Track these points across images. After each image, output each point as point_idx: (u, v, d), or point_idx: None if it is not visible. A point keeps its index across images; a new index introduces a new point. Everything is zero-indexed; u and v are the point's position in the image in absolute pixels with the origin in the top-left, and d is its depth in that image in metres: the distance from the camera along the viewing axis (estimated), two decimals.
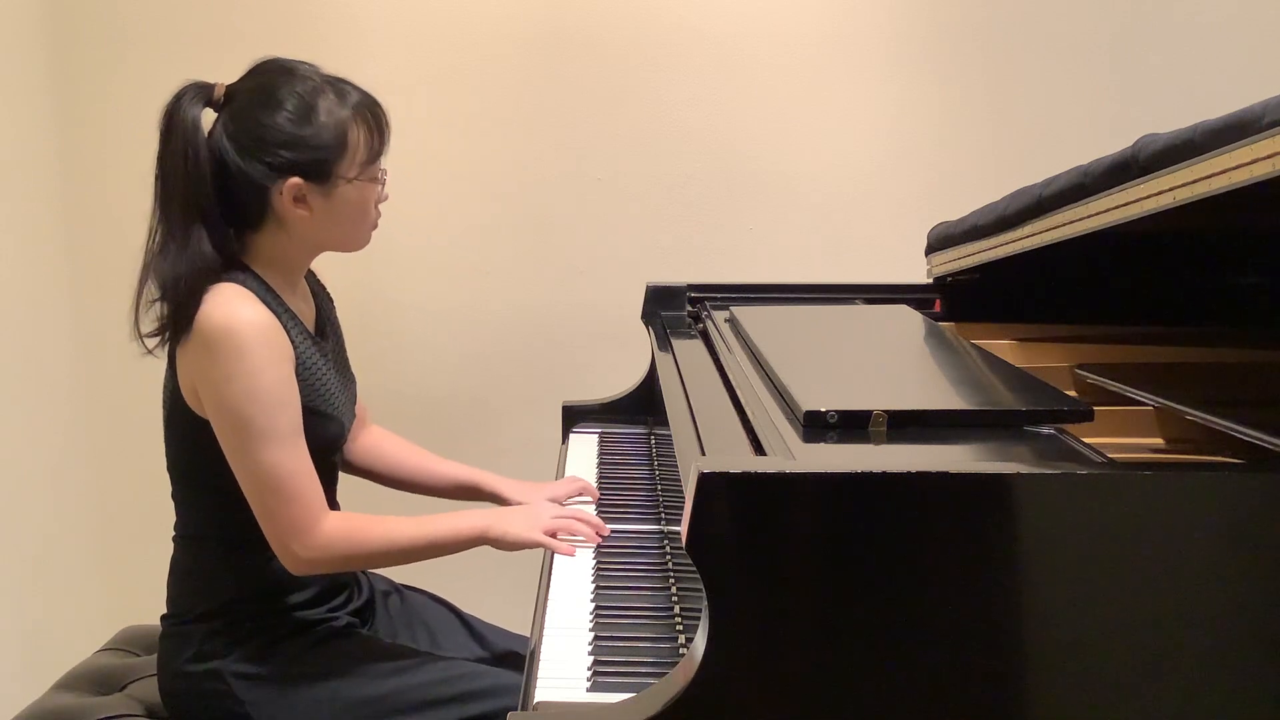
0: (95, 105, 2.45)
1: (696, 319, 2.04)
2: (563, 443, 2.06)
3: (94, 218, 2.49)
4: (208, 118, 1.46)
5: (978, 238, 1.79)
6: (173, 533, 1.57)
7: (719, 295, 2.09)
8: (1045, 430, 1.19)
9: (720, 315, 1.92)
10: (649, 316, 2.09)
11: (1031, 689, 1.01)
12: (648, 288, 2.10)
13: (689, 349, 1.79)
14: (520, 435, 2.55)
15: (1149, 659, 1.00)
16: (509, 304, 2.55)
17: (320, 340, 1.56)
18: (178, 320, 1.42)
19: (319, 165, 1.44)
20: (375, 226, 1.54)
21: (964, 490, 0.99)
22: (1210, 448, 1.31)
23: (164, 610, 1.56)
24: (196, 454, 1.47)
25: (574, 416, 2.12)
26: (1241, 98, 1.15)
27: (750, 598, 0.99)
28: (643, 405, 2.09)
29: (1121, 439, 1.37)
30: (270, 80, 1.45)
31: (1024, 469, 1.02)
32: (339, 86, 1.47)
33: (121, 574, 2.57)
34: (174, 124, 1.42)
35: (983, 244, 1.77)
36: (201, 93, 1.45)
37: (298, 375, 1.45)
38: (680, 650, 1.25)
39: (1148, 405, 1.40)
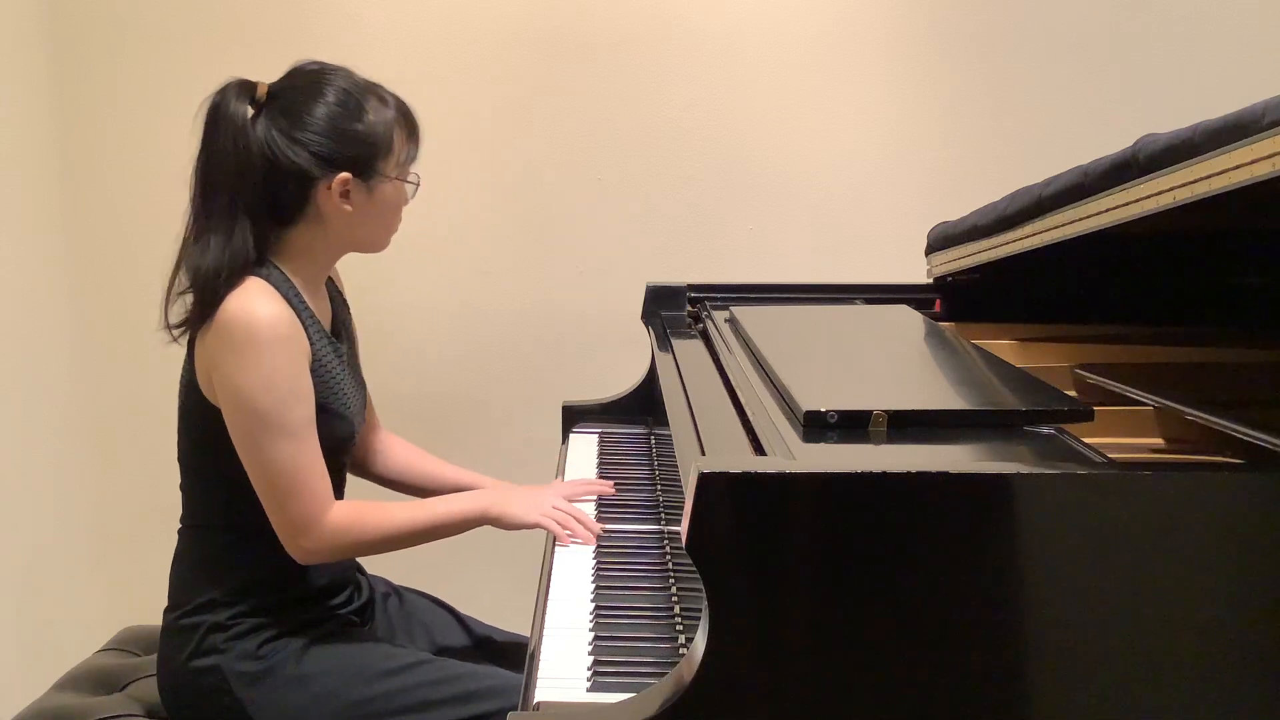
0: (95, 105, 2.45)
1: (696, 319, 2.04)
2: (563, 443, 2.06)
3: (94, 217, 2.49)
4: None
5: (978, 238, 1.79)
6: (178, 525, 1.57)
7: (719, 295, 2.09)
8: (1045, 430, 1.19)
9: (720, 315, 1.92)
10: (649, 316, 2.09)
11: (1031, 689, 1.01)
12: (648, 288, 2.10)
13: (689, 349, 1.79)
14: (520, 435, 2.54)
15: (1149, 659, 1.00)
16: (509, 304, 2.55)
17: (336, 342, 1.57)
18: (203, 310, 1.43)
19: (367, 162, 1.49)
20: (395, 230, 1.58)
21: (964, 490, 0.99)
22: (1210, 448, 1.31)
23: (164, 608, 1.56)
24: (208, 443, 1.48)
25: (574, 416, 2.12)
26: (1241, 98, 1.15)
27: (750, 598, 0.99)
28: (643, 405, 2.09)
29: (1121, 439, 1.37)
30: (318, 79, 1.49)
31: (1024, 469, 1.02)
32: (378, 90, 1.52)
33: (121, 574, 2.56)
34: (221, 119, 1.44)
35: (983, 244, 1.77)
36: (245, 90, 1.46)
37: (313, 373, 1.47)
38: (680, 650, 1.25)
39: (1148, 405, 1.40)
